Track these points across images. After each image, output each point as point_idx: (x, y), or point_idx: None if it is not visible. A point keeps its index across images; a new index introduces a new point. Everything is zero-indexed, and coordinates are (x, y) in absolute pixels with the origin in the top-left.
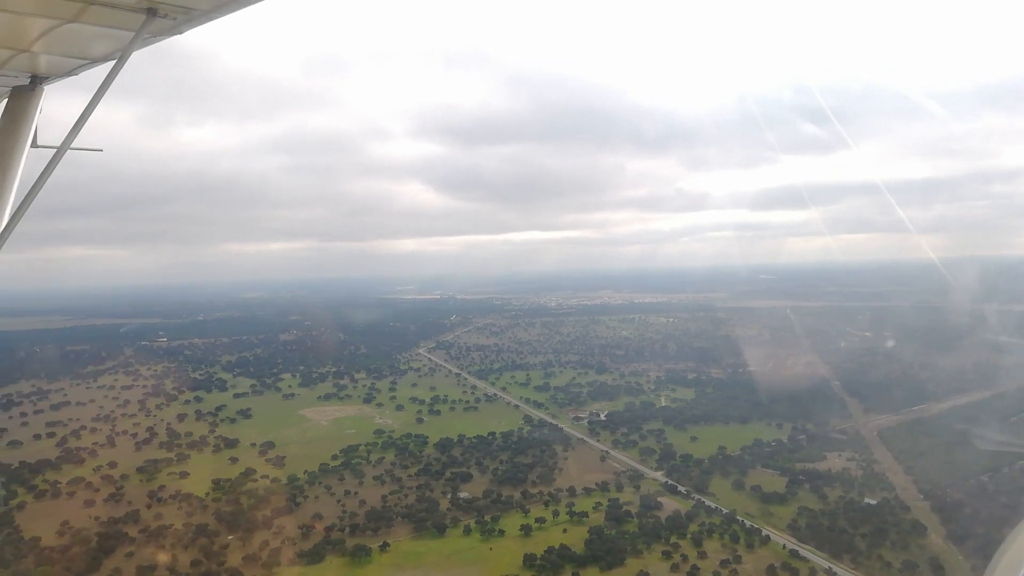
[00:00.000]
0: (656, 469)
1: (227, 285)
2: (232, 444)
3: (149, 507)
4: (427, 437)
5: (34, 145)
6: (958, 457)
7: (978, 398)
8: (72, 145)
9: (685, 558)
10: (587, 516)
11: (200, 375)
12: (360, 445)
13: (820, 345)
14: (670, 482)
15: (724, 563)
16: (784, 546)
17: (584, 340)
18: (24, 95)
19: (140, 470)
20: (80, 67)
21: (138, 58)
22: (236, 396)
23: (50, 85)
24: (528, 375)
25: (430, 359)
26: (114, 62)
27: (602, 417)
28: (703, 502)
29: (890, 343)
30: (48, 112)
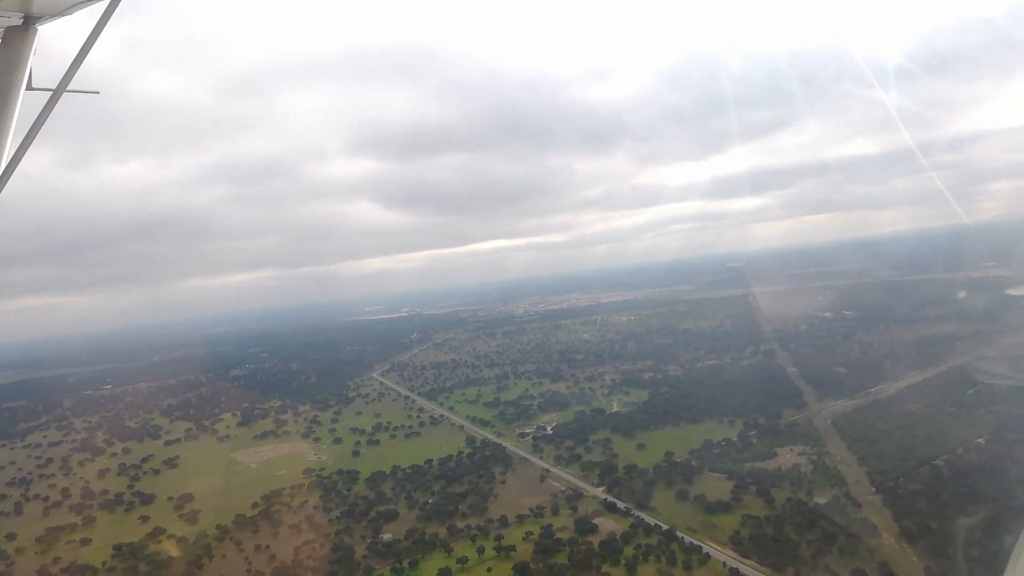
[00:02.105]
0: (597, 485)
1: (192, 322)
2: (148, 500)
3: None
4: (359, 472)
5: (29, 88)
6: (913, 441)
7: (936, 372)
8: (68, 87)
9: None
10: (515, 550)
11: (135, 423)
12: (285, 488)
13: (780, 331)
14: (610, 499)
15: None
16: (724, 564)
17: (543, 347)
18: (17, 36)
19: (39, 540)
20: (74, 6)
21: None
22: (168, 443)
23: (44, 25)
24: (480, 391)
25: (382, 382)
26: (108, 0)
27: (548, 431)
28: (642, 519)
29: (850, 323)
30: (43, 53)
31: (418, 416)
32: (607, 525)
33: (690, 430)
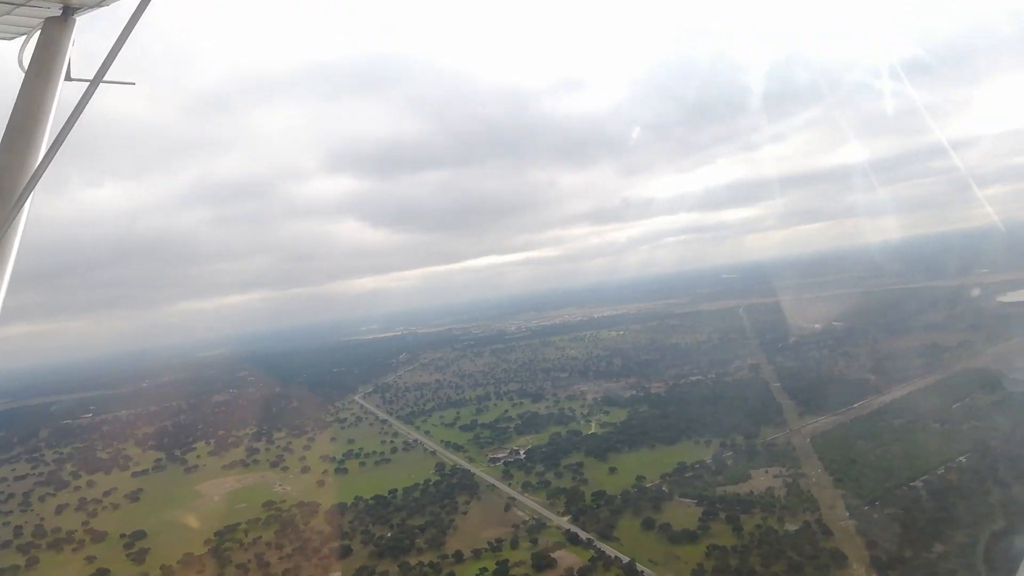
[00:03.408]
0: (563, 514)
1: (184, 345)
2: (100, 538)
3: None
4: (319, 504)
5: (68, 79)
6: (893, 460)
7: (922, 385)
8: (105, 78)
9: None
10: None
11: (107, 454)
12: (241, 524)
13: (768, 344)
14: (573, 529)
15: None
16: None
17: (530, 366)
18: (56, 26)
19: None
20: None
21: None
22: (135, 475)
23: (82, 16)
24: (458, 413)
25: (362, 406)
26: None
27: (521, 455)
28: (604, 552)
29: (839, 334)
30: (81, 45)
31: (391, 442)
32: (566, 559)
33: (665, 452)
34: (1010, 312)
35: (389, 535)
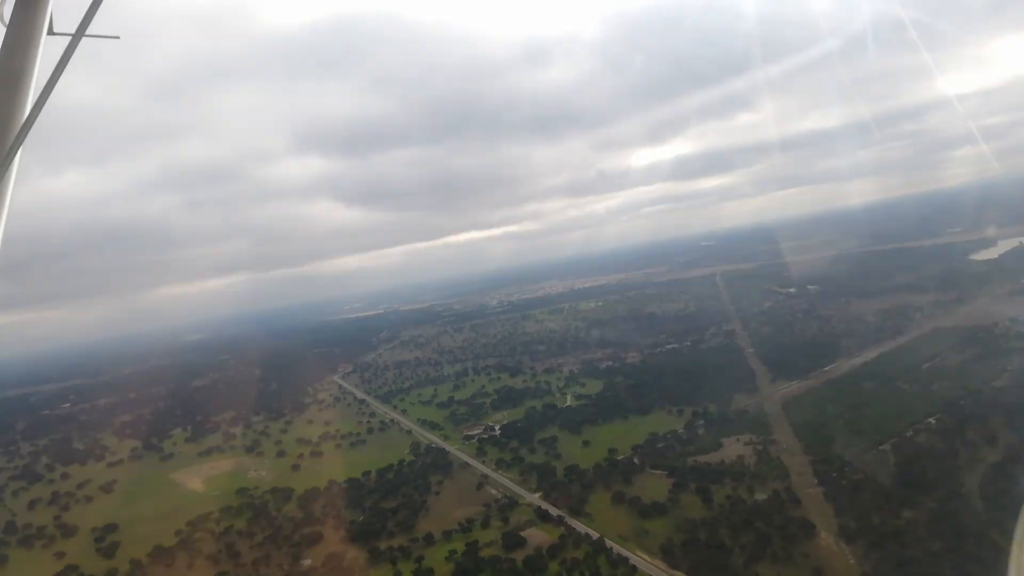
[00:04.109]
0: (535, 490)
1: (168, 330)
2: (71, 533)
3: None
4: (293, 490)
5: (50, 32)
6: (862, 424)
7: (892, 346)
8: (87, 32)
9: None
10: (432, 574)
11: (84, 444)
12: (213, 512)
13: (743, 310)
14: (544, 507)
15: None
16: None
17: (508, 340)
18: None
19: None
20: None
21: None
22: (110, 465)
23: None
24: (436, 390)
25: (341, 386)
26: None
27: (496, 431)
28: (574, 529)
29: (813, 298)
30: None
31: (368, 422)
32: (537, 537)
33: (638, 423)
34: (980, 270)
35: (360, 519)
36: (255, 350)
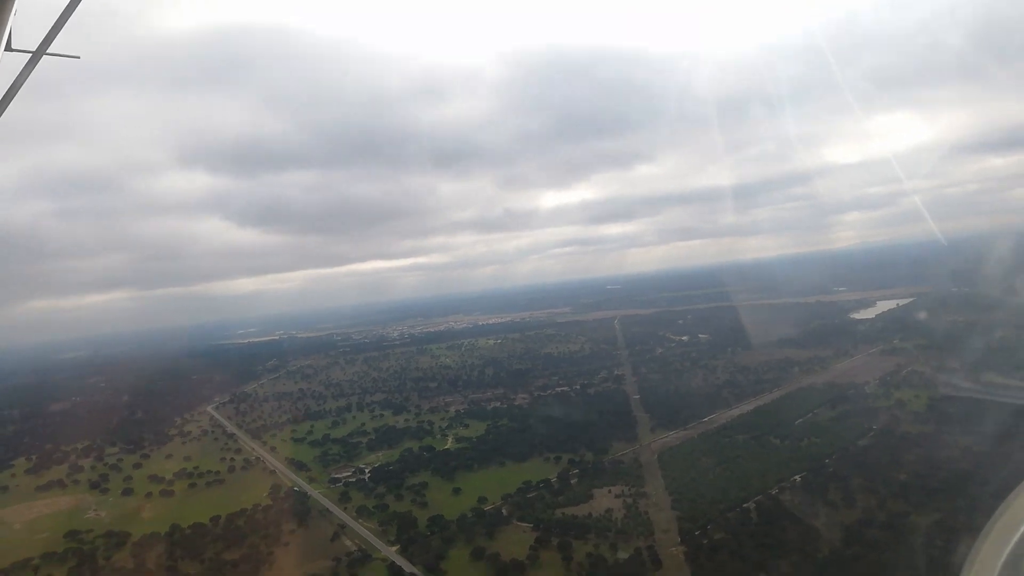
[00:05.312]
0: (393, 543)
1: (40, 347)
2: None
3: None
4: (129, 535)
5: (8, 49)
6: (731, 479)
7: (770, 399)
8: (48, 50)
9: None
10: None
11: None
12: (34, 558)
13: (636, 355)
14: (399, 562)
15: None
16: None
17: (400, 375)
18: None
19: None
20: None
21: None
22: None
23: None
24: (312, 426)
25: (213, 417)
26: None
27: (366, 474)
28: None
29: (703, 347)
30: (24, 12)
31: (232, 459)
32: None
33: (513, 470)
34: (858, 329)
35: (195, 572)
36: (130, 373)
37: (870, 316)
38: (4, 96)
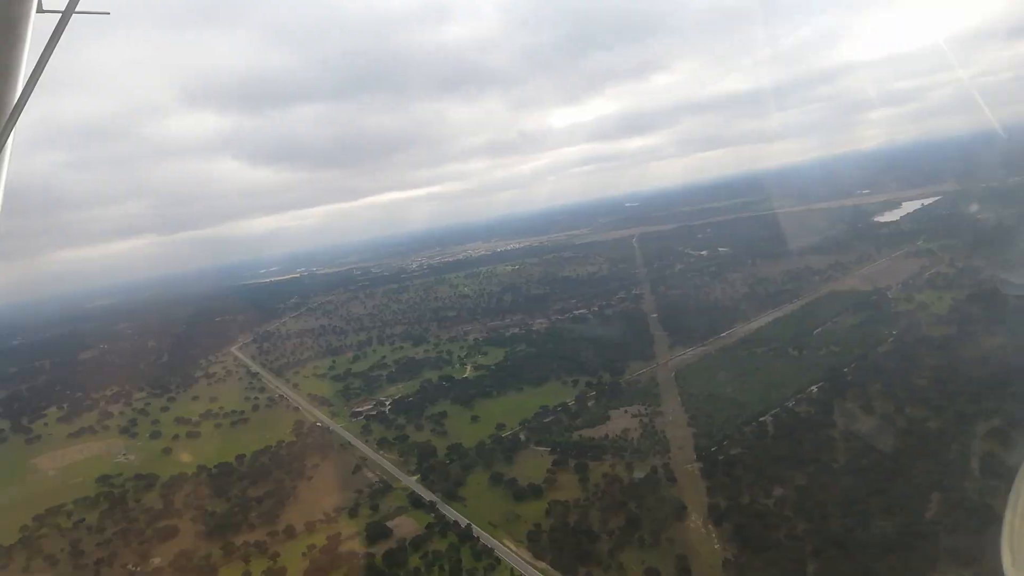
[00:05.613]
0: (413, 472)
1: (70, 296)
2: None
3: None
4: (158, 477)
5: (39, 10)
6: (747, 394)
7: (789, 310)
8: (78, 8)
9: None
10: (285, 573)
11: None
12: (67, 504)
13: (654, 273)
14: (418, 492)
15: None
16: (513, 571)
17: (419, 306)
18: None
19: None
20: None
21: None
22: None
23: None
24: (334, 361)
25: (237, 358)
26: None
27: (386, 406)
28: (444, 516)
29: (723, 260)
30: None
31: (256, 398)
32: (405, 527)
33: (532, 395)
34: (881, 232)
35: (223, 510)
36: (155, 318)
37: (895, 218)
38: (41, 55)
